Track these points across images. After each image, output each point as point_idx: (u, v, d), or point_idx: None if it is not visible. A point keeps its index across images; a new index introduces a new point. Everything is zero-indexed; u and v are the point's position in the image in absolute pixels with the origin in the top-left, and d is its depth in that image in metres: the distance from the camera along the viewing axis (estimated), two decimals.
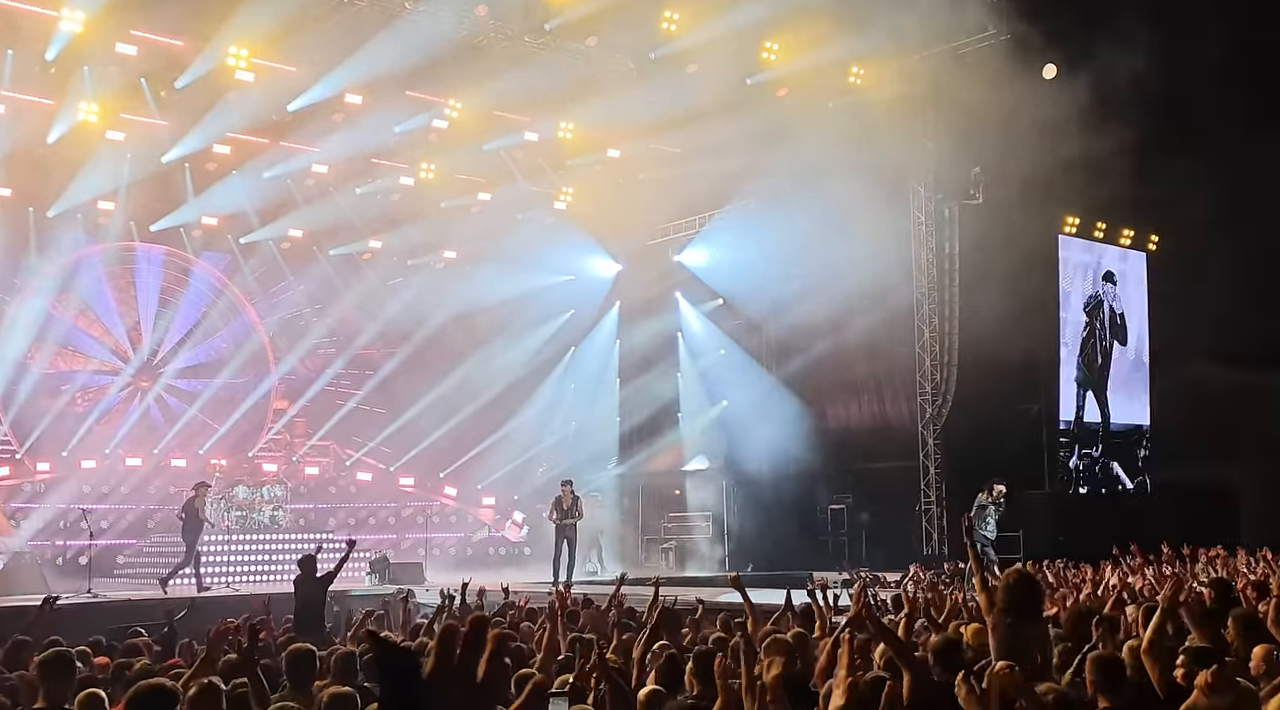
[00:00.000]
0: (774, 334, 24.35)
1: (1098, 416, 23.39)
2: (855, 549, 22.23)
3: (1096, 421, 23.37)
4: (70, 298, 23.14)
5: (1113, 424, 23.60)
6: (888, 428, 22.65)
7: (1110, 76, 18.57)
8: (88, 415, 23.16)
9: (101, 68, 18.62)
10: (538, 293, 25.72)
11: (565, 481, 19.07)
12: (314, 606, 11.26)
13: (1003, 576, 6.14)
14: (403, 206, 24.37)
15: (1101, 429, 23.43)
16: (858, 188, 20.06)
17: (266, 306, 25.51)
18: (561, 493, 18.57)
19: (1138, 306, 24.22)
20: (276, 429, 25.36)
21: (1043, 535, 20.00)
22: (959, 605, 8.58)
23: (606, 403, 26.91)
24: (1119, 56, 18.28)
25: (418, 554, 22.73)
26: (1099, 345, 23.45)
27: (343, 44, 18.76)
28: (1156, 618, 5.33)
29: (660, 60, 19.83)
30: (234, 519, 21.49)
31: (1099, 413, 23.40)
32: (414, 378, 25.20)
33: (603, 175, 23.76)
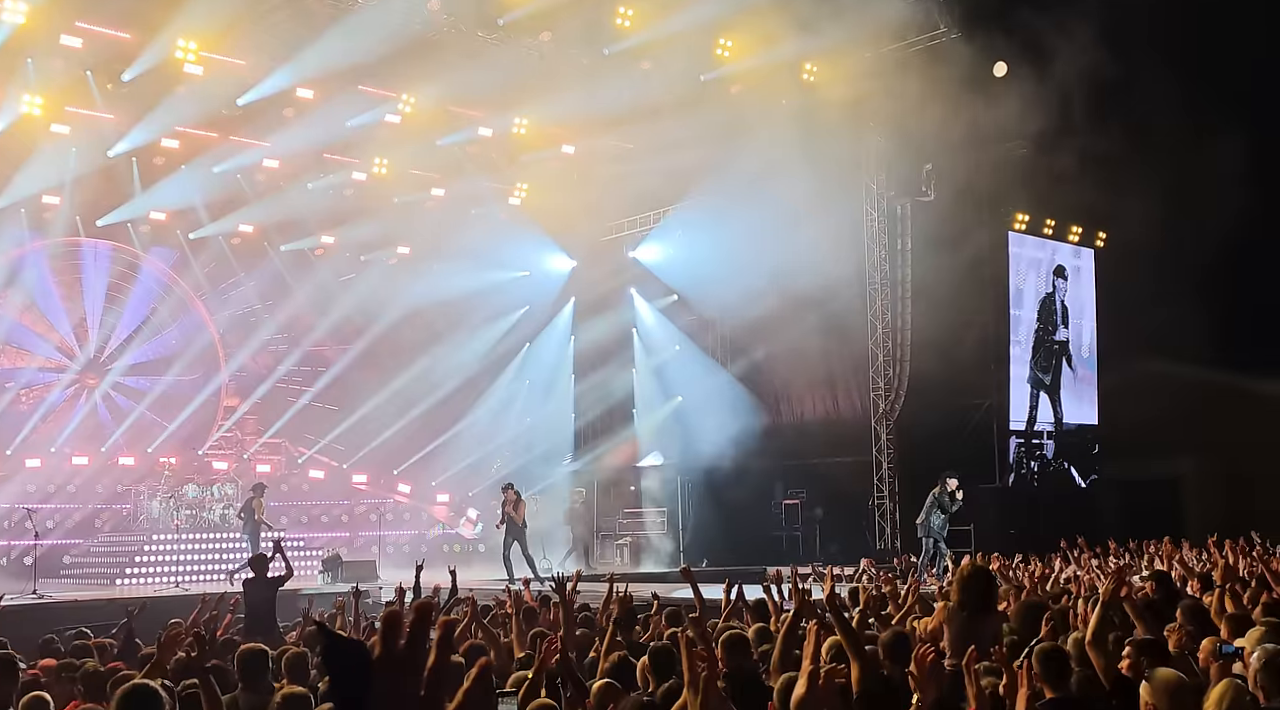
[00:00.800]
0: (728, 330, 24.46)
1: (1051, 418, 23.66)
2: (809, 543, 22.36)
3: (1050, 422, 23.64)
4: (14, 294, 22.75)
5: (1065, 424, 23.89)
6: (841, 423, 22.82)
7: (1059, 74, 18.80)
8: (33, 413, 22.78)
9: (45, 60, 18.31)
10: (492, 289, 25.63)
11: (506, 486, 19.10)
12: (265, 607, 11.14)
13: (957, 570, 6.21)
14: (355, 202, 24.17)
15: (1055, 430, 23.71)
16: (810, 184, 20.18)
17: (217, 303, 25.21)
18: (505, 498, 18.68)
19: (1088, 303, 24.56)
20: (227, 427, 25.08)
21: (993, 529, 20.25)
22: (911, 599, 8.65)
23: (561, 399, 26.87)
24: (1068, 54, 18.51)
25: (371, 552, 22.61)
26: (1051, 345, 23.74)
27: (293, 37, 18.57)
28: (1098, 610, 5.41)
29: (614, 56, 19.80)
30: (184, 518, 21.24)
31: (1052, 414, 23.67)
32: (367, 374, 25.03)
33: (557, 171, 23.70)
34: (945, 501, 17.18)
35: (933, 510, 17.25)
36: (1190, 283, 21.12)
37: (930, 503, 17.33)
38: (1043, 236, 23.69)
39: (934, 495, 17.33)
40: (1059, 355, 23.87)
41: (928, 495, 17.57)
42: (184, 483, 22.11)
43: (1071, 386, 24.10)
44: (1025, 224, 23.09)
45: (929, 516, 17.27)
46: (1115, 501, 22.76)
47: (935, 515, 17.21)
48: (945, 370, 20.70)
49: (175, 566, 20.04)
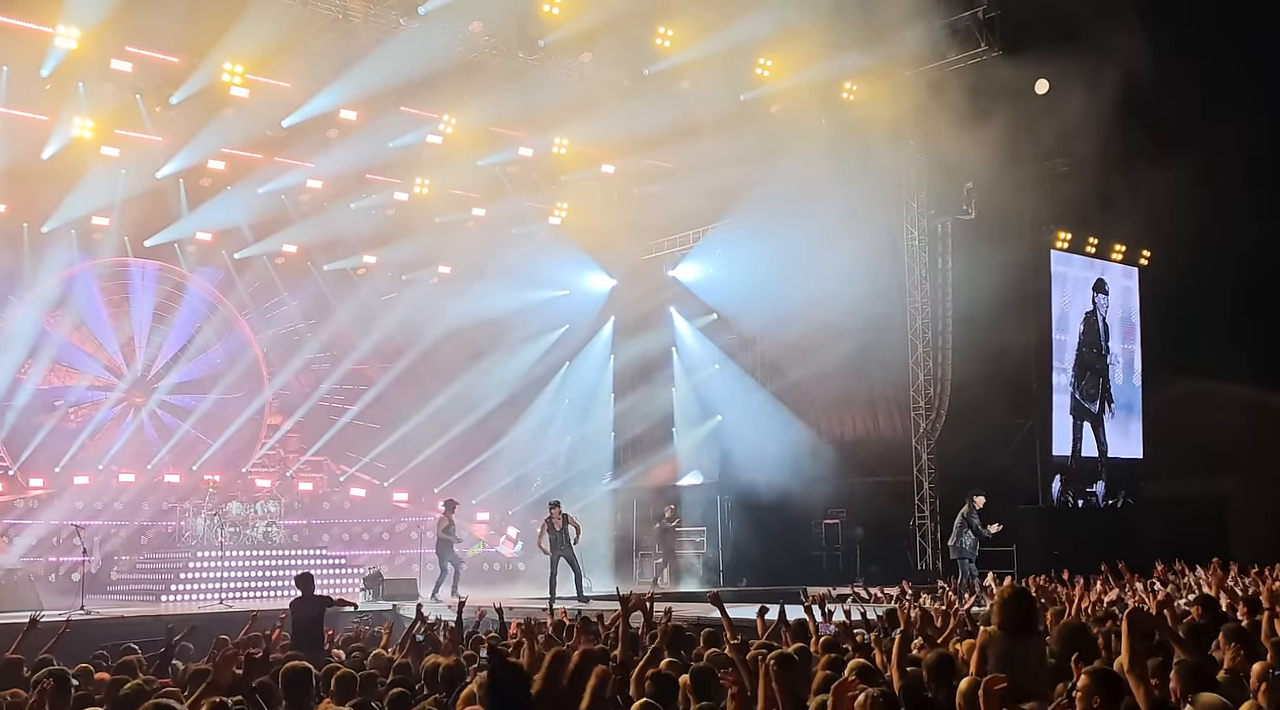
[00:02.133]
0: (768, 349, 24.39)
1: (1095, 451, 23.35)
2: (849, 564, 22.24)
3: (1094, 454, 23.34)
4: (64, 313, 23.14)
5: (1110, 456, 23.55)
6: (881, 442, 22.70)
7: (1102, 91, 18.69)
8: (81, 431, 23.12)
9: (97, 84, 18.64)
10: (532, 308, 25.75)
11: (553, 503, 18.64)
12: (312, 625, 11.23)
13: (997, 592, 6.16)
14: (397, 222, 24.40)
15: (1099, 464, 23.38)
16: (850, 203, 20.16)
17: (261, 322, 25.51)
18: (551, 515, 18.21)
19: (1133, 323, 24.29)
20: (270, 445, 25.33)
21: (1035, 550, 20.04)
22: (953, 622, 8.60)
23: (601, 418, 26.91)
24: (1110, 71, 18.40)
25: (412, 570, 22.68)
26: (1095, 365, 23.47)
27: (337, 60, 18.80)
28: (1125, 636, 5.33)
29: (654, 76, 19.90)
30: (227, 535, 21.45)
31: (1096, 448, 23.35)
32: (408, 393, 25.20)
33: (597, 190, 23.81)
34: (975, 521, 17.03)
35: (963, 531, 17.10)
36: (1236, 302, 20.88)
37: (960, 523, 17.18)
38: (1085, 255, 23.50)
39: (963, 515, 17.20)
40: (1103, 376, 23.60)
41: (956, 516, 17.43)
42: (228, 500, 22.33)
43: (1116, 415, 23.78)
44: (1068, 242, 22.92)
45: (960, 538, 17.12)
46: (1160, 522, 22.46)
47: (966, 536, 17.06)
48: (986, 389, 20.56)
49: (219, 583, 20.22)
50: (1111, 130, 19.61)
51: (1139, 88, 18.98)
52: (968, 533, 17.03)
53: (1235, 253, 20.18)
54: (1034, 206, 21.02)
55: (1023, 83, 19.26)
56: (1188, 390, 21.84)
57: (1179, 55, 19.42)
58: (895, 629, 8.08)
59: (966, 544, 17.02)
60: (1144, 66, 18.54)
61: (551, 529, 18.03)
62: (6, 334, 21.96)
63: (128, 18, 16.83)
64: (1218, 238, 20.15)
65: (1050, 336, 22.56)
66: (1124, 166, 19.85)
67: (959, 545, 17.13)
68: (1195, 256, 20.79)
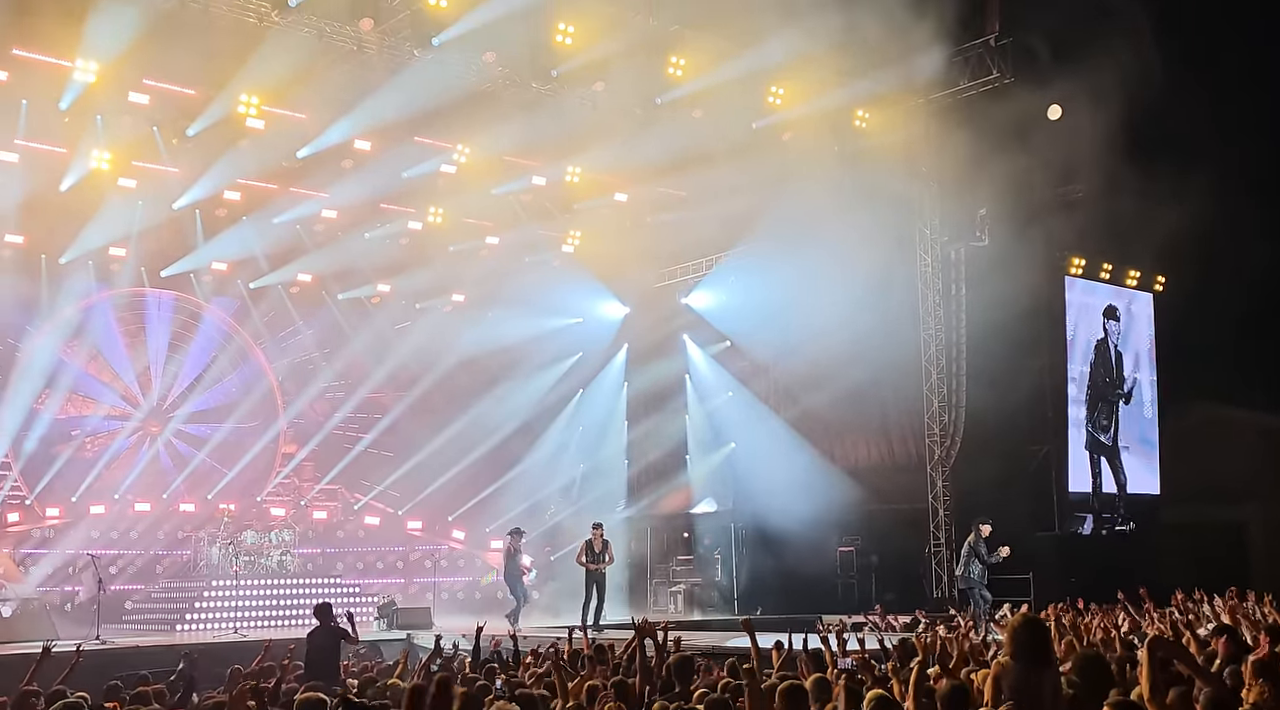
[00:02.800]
0: (781, 376, 24.34)
1: (1113, 487, 23.18)
2: (864, 592, 22.11)
3: (1113, 492, 23.17)
4: (81, 343, 23.28)
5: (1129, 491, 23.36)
6: (895, 469, 22.60)
7: (1114, 116, 18.70)
8: (97, 460, 23.21)
9: (114, 116, 18.83)
10: (546, 335, 25.81)
11: (596, 524, 18.82)
12: (327, 655, 11.23)
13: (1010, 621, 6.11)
14: (411, 250, 24.52)
15: (1116, 501, 23.20)
16: (863, 230, 20.16)
17: (275, 351, 25.61)
18: (592, 536, 18.33)
19: (1146, 349, 24.18)
20: (285, 473, 25.38)
21: (1053, 577, 19.89)
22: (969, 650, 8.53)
23: (614, 445, 26.88)
24: (1123, 96, 18.41)
25: (426, 598, 22.66)
26: (1109, 394, 23.33)
27: (352, 91, 18.95)
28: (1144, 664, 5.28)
29: (667, 105, 20.00)
30: (242, 564, 21.46)
31: (1114, 483, 23.17)
32: (422, 421, 25.23)
33: (610, 218, 23.89)
34: (982, 550, 16.94)
35: (971, 561, 17.01)
36: (1251, 326, 20.78)
37: (967, 553, 17.09)
38: (1100, 281, 23.43)
39: (970, 544, 17.11)
40: (1115, 407, 23.43)
41: (963, 545, 17.35)
42: (243, 529, 22.36)
43: (1131, 447, 23.60)
44: (1081, 268, 22.86)
45: (968, 568, 17.02)
46: (1178, 551, 22.26)
47: (974, 565, 16.97)
48: (1001, 416, 20.48)
49: (234, 612, 20.23)
50: (1124, 155, 19.60)
51: (1152, 113, 18.99)
52: (975, 562, 16.95)
53: (1247, 279, 20.09)
54: (1047, 233, 20.98)
55: (1035, 109, 19.29)
56: (1204, 417, 21.71)
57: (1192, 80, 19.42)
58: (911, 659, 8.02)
59: (975, 573, 16.92)
60: (1156, 92, 18.56)
61: (590, 550, 18.15)
62: (25, 364, 22.08)
63: (145, 51, 17.00)
64: (1231, 262, 20.07)
65: (1065, 361, 22.46)
66: (1137, 192, 19.80)
67: (967, 575, 17.04)
68: (1209, 281, 20.70)
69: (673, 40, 18.86)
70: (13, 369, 21.99)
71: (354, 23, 17.88)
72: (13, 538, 21.59)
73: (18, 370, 21.98)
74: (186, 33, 16.88)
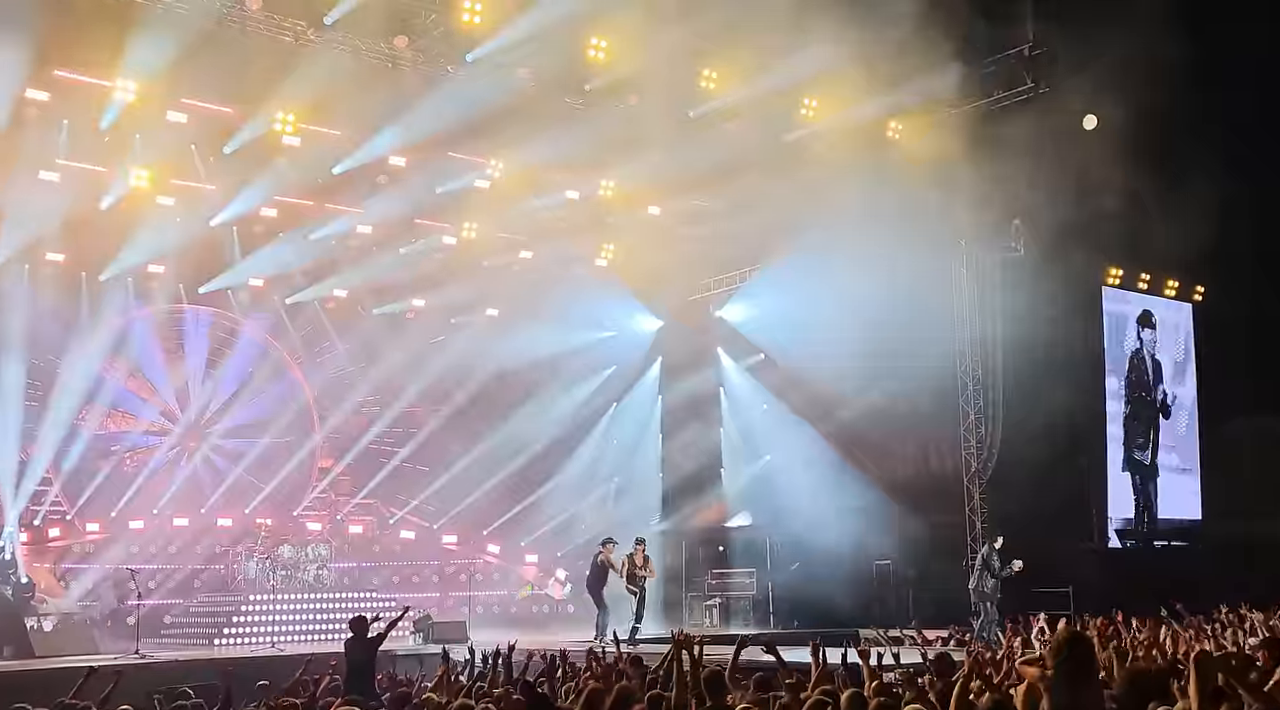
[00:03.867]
0: (816, 388, 24.17)
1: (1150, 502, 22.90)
2: (902, 606, 21.93)
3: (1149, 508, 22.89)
4: (121, 360, 23.49)
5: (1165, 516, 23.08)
6: (932, 481, 22.42)
7: (1151, 125, 18.53)
8: (137, 476, 23.41)
9: (153, 135, 19.01)
10: (580, 349, 25.84)
11: (640, 540, 19.41)
12: (364, 666, 11.28)
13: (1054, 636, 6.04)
14: (446, 265, 24.63)
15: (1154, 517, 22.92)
16: (898, 241, 20.05)
17: (311, 366, 25.77)
18: (635, 551, 18.84)
19: (1186, 360, 23.90)
20: (321, 488, 25.51)
21: (1093, 590, 19.66)
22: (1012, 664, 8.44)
23: (649, 459, 26.84)
24: (1159, 106, 18.25)
25: (461, 612, 22.68)
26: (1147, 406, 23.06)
27: (386, 107, 19.09)
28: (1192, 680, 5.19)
29: (700, 118, 20.00)
30: (279, 578, 21.58)
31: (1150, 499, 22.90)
32: (457, 435, 25.31)
33: (643, 232, 23.90)
34: (995, 563, 16.78)
35: (983, 574, 16.86)
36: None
37: (980, 566, 16.96)
38: (1138, 291, 23.21)
39: (982, 557, 16.98)
40: (1154, 422, 23.14)
41: (976, 557, 17.21)
42: (279, 543, 22.48)
43: (1171, 460, 23.31)
44: (1119, 278, 22.65)
45: (980, 581, 16.87)
46: (1222, 564, 21.96)
47: (986, 579, 16.81)
48: (1039, 428, 20.28)
49: (271, 627, 20.34)
50: (1161, 164, 19.41)
51: (1188, 121, 18.80)
52: (987, 576, 16.80)
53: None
54: (1084, 243, 20.80)
55: (1070, 118, 19.14)
56: (1247, 429, 21.41)
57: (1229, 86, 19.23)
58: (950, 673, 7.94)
59: (988, 587, 16.79)
60: (1193, 99, 18.38)
61: (633, 565, 18.53)
62: (65, 381, 22.33)
63: (184, 70, 17.22)
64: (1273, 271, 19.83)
65: (1102, 373, 22.25)
66: (1175, 201, 19.61)
67: (980, 588, 16.92)
68: (1250, 291, 20.45)
69: (705, 53, 18.87)
70: (54, 386, 22.23)
71: (389, 40, 18.04)
72: (54, 553, 21.80)
73: (59, 387, 22.22)
74: (224, 52, 17.08)
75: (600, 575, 19.03)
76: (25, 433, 21.33)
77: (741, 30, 18.01)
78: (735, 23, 17.73)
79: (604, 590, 18.95)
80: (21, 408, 21.18)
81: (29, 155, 18.77)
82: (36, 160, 18.92)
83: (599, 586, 18.98)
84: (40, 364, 22.22)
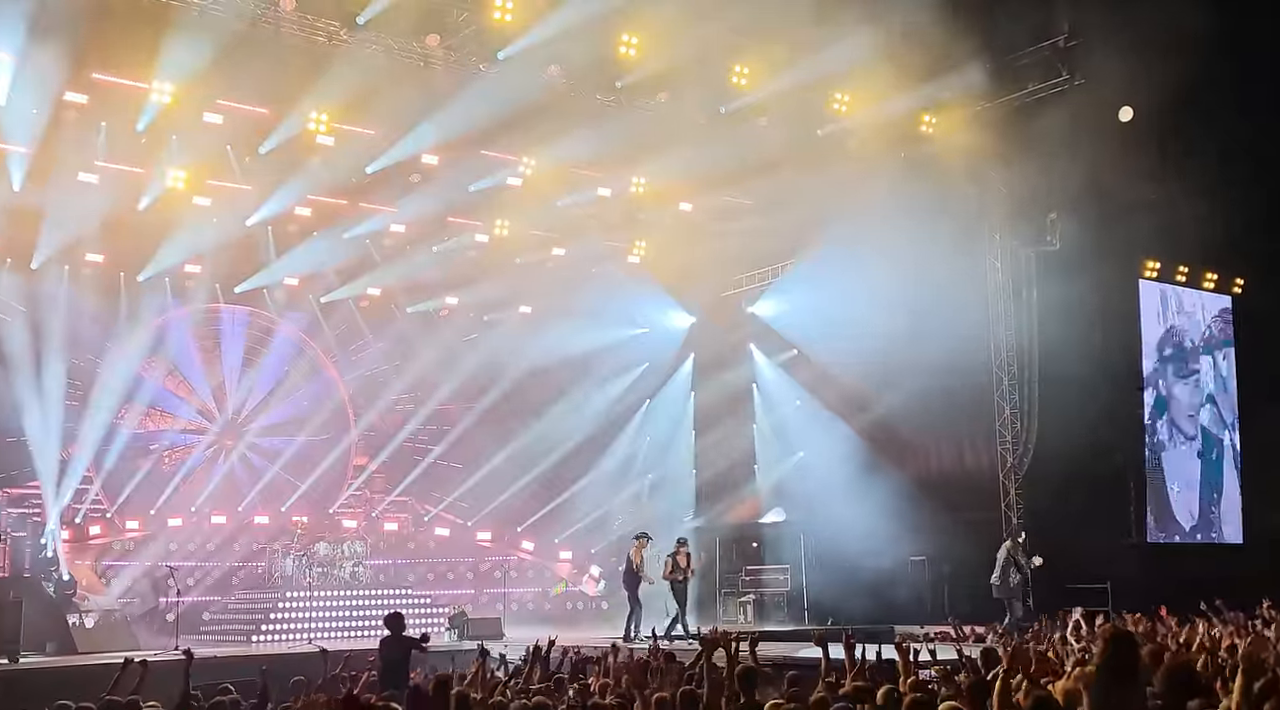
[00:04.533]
0: (850, 384, 24.08)
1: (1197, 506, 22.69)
2: (937, 602, 21.81)
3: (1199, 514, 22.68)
4: (159, 359, 23.75)
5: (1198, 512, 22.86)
6: (967, 477, 22.28)
7: (1187, 116, 18.33)
8: (175, 474, 23.67)
9: (189, 136, 19.17)
10: (612, 346, 25.87)
11: (682, 540, 19.61)
12: (398, 664, 11.33)
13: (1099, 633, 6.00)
14: (478, 263, 24.72)
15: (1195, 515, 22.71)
16: (931, 236, 19.94)
17: (346, 364, 25.93)
18: (677, 551, 18.97)
19: (1226, 353, 23.65)
20: (356, 485, 25.67)
21: (1132, 586, 19.47)
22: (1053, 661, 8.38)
23: (682, 455, 26.84)
24: (1196, 96, 18.04)
25: (496, 609, 22.78)
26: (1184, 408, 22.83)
27: (418, 106, 19.15)
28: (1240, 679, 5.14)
29: (731, 114, 19.97)
30: (315, 575, 21.75)
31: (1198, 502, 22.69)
32: (491, 432, 25.41)
33: (675, 228, 23.90)
34: (1021, 559, 16.68)
35: (1009, 569, 16.75)
36: None
37: (1006, 561, 16.84)
38: (1175, 284, 22.97)
39: (1008, 552, 16.86)
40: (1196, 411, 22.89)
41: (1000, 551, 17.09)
42: (315, 541, 22.65)
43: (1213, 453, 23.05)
44: (1156, 271, 22.43)
45: (1006, 576, 16.74)
46: (1265, 558, 21.70)
47: (1013, 574, 16.71)
48: (1076, 422, 20.11)
49: (308, 623, 20.50)
50: (1199, 155, 19.20)
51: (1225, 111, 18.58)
52: (1014, 571, 16.70)
53: None
54: (1120, 236, 20.60)
55: (1106, 110, 18.95)
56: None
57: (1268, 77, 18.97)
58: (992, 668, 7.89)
59: (1014, 583, 16.68)
60: (1230, 89, 18.16)
61: (676, 566, 18.65)
62: (105, 380, 22.60)
63: (219, 72, 17.35)
64: None
65: (1140, 366, 22.03)
66: (1213, 192, 19.38)
67: (1006, 584, 16.79)
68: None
69: (736, 49, 18.82)
70: (94, 385, 22.51)
71: (420, 39, 18.10)
72: (94, 550, 22.06)
73: (99, 386, 22.49)
74: (258, 53, 17.18)
75: (633, 571, 19.04)
76: (66, 432, 21.58)
77: (772, 25, 17.94)
78: (766, 18, 17.67)
79: (639, 587, 18.89)
80: (62, 407, 21.43)
81: (68, 157, 19.01)
82: (76, 162, 19.16)
83: (632, 583, 18.97)
84: (80, 364, 22.50)
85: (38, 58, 16.55)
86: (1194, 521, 22.83)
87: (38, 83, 17.07)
